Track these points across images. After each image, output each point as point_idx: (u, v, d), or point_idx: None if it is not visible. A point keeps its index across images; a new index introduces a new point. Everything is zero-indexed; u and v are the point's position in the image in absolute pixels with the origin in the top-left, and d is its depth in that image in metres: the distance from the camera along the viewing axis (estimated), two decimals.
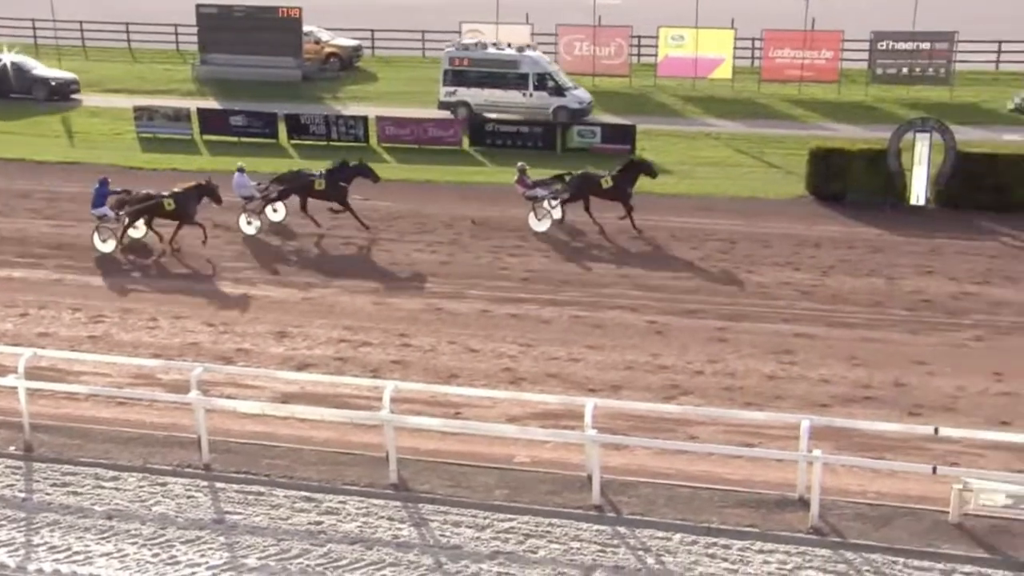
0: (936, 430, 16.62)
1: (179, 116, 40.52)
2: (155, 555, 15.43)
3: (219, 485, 17.18)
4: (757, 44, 47.41)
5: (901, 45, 44.73)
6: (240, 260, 27.64)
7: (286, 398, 20.08)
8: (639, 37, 48.09)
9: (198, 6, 49.28)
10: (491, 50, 42.29)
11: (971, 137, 35.37)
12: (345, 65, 50.93)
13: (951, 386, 20.49)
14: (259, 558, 15.34)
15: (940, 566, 14.95)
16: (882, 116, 41.04)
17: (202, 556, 15.41)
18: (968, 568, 14.91)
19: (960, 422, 18.80)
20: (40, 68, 47.06)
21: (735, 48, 46.10)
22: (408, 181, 34.58)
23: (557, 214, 29.81)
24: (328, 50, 50.94)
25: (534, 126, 38.67)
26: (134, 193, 28.37)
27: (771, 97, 44.94)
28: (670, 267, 26.91)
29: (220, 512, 16.46)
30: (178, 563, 15.27)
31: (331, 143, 38.92)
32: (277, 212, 30.28)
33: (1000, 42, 47.72)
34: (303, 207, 29.73)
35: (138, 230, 28.66)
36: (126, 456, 18.01)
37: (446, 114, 41.15)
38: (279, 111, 40.52)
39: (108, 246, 28.03)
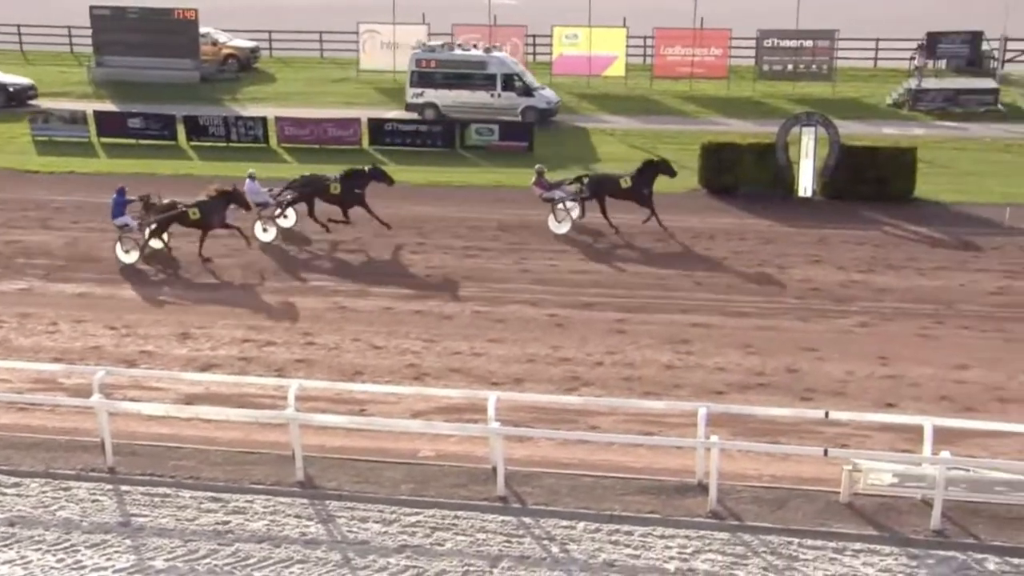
0: (827, 414, 17.29)
1: (75, 119, 39.82)
2: (60, 560, 15.35)
3: (124, 488, 17.12)
4: (648, 42, 48.20)
5: (786, 43, 45.95)
6: (139, 262, 27.34)
7: (191, 399, 20.03)
8: (534, 36, 48.55)
9: (91, 8, 48.47)
10: (458, 51, 42.10)
11: (853, 131, 36.55)
12: (243, 66, 50.51)
13: (840, 371, 21.21)
14: (166, 560, 15.35)
15: (832, 544, 15.51)
16: (769, 111, 42.08)
17: (108, 560, 15.37)
18: (858, 545, 15.49)
19: (849, 405, 19.54)
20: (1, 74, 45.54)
21: (627, 46, 46.83)
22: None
23: (576, 213, 29.53)
24: (226, 51, 50.45)
25: (433, 125, 38.82)
26: (157, 202, 27.67)
27: (663, 93, 45.74)
28: (569, 261, 27.32)
29: (126, 515, 16.42)
30: (84, 568, 15.21)
31: (230, 144, 38.66)
32: (287, 218, 29.63)
33: (878, 40, 49.24)
34: (310, 212, 29.29)
35: (158, 241, 27.82)
36: (28, 462, 17.83)
37: (345, 114, 41.05)
38: (177, 113, 40.08)
39: (131, 257, 27.20)
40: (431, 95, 41.52)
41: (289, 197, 29.45)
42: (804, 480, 17.16)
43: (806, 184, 31.55)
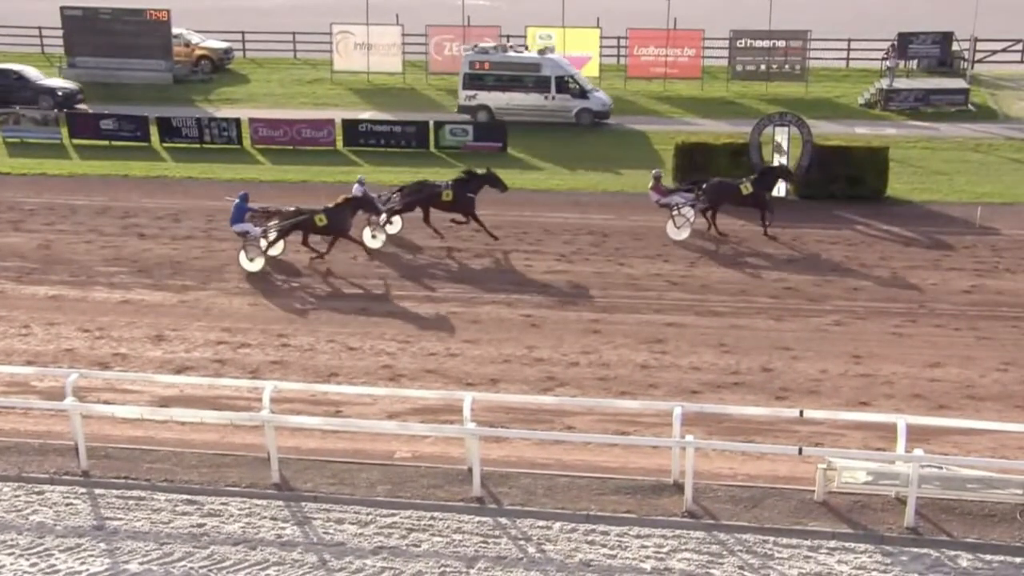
0: (801, 413, 17.39)
1: (47, 120, 39.65)
2: (33, 564, 15.25)
3: (98, 491, 17.03)
4: (622, 43, 48.36)
5: (758, 43, 46.21)
6: (113, 265, 27.21)
7: (165, 402, 19.96)
8: (508, 37, 48.51)
9: (62, 8, 48.23)
10: (511, 53, 41.77)
11: (825, 131, 36.81)
12: (216, 67, 50.34)
13: (814, 370, 21.32)
14: (141, 563, 15.28)
15: (807, 543, 15.59)
16: (743, 111, 42.28)
17: (82, 564, 15.28)
18: (833, 543, 15.57)
19: (823, 404, 19.68)
20: (44, 78, 44.87)
21: (601, 47, 46.99)
22: (283, 182, 34.47)
23: (689, 214, 28.82)
24: (199, 52, 50.27)
25: (407, 126, 38.77)
26: (283, 209, 27.29)
27: (637, 94, 45.88)
28: (544, 261, 27.34)
29: (100, 518, 16.33)
30: (57, 572, 15.12)
31: (204, 146, 38.53)
32: (393, 224, 29.07)
33: (850, 40, 49.59)
34: (426, 219, 28.88)
35: (277, 247, 27.31)
36: (0, 466, 17.73)
37: (319, 115, 40.97)
38: (150, 114, 39.93)
39: (256, 265, 26.60)
40: (484, 97, 41.26)
41: (400, 204, 28.86)
42: (779, 479, 17.26)
43: (779, 184, 31.66)
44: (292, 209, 27.35)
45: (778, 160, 31.61)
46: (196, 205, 29.81)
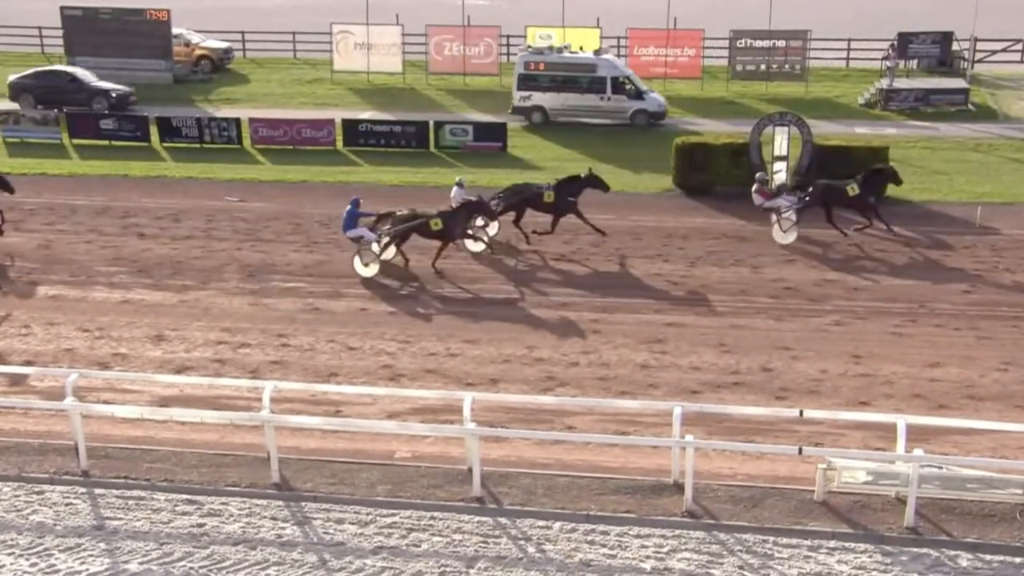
0: (801, 412, 17.39)
1: (47, 120, 39.64)
2: (33, 564, 15.25)
3: (98, 491, 17.03)
4: (622, 43, 48.33)
5: (758, 43, 46.21)
6: (113, 265, 27.23)
7: (165, 401, 19.97)
8: (508, 36, 48.65)
9: (63, 8, 48.27)
10: (566, 54, 41.53)
11: (825, 130, 36.83)
12: (216, 67, 50.35)
13: (814, 369, 21.32)
14: (141, 563, 15.28)
15: (807, 543, 15.59)
16: (743, 111, 42.26)
17: (82, 564, 15.28)
18: (833, 543, 15.57)
19: (823, 404, 19.69)
20: (97, 80, 44.57)
21: (601, 47, 46.84)
22: (282, 182, 34.51)
23: (794, 218, 28.36)
24: (199, 52, 50.29)
25: (407, 126, 38.77)
26: (395, 212, 27.00)
27: None
28: (544, 261, 27.35)
29: (100, 518, 16.33)
30: (57, 572, 15.12)
31: (204, 146, 38.54)
32: (491, 228, 28.57)
33: (850, 40, 49.60)
34: (517, 221, 28.47)
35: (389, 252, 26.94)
36: (0, 465, 17.74)
37: (319, 115, 40.98)
38: (150, 114, 39.97)
39: (371, 270, 26.27)
40: (538, 98, 41.12)
41: (501, 206, 28.41)
42: (779, 479, 17.26)
43: (779, 183, 31.65)
44: (405, 212, 26.96)
45: (779, 165, 31.55)
46: (196, 205, 29.83)
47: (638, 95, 40.91)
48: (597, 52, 41.96)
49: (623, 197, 32.57)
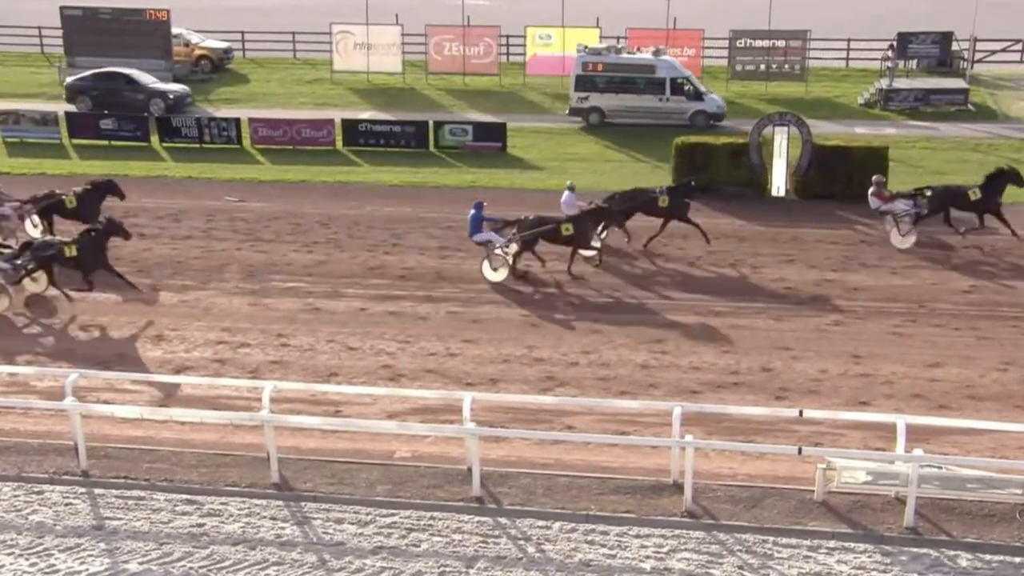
0: (801, 412, 17.41)
1: (47, 120, 39.59)
2: (32, 564, 15.25)
3: (98, 491, 17.04)
4: (622, 43, 48.16)
5: (758, 43, 46.16)
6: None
7: (165, 401, 19.98)
8: (507, 36, 48.63)
9: (62, 8, 48.26)
10: (625, 55, 41.28)
11: (825, 130, 36.82)
12: (216, 67, 50.32)
13: (814, 369, 21.32)
14: (141, 563, 15.28)
15: (807, 543, 15.60)
16: (742, 111, 42.18)
17: (82, 563, 15.29)
18: (832, 543, 15.58)
19: (823, 404, 19.70)
20: (155, 82, 44.32)
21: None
22: (282, 182, 34.51)
23: (910, 220, 27.87)
24: (198, 52, 50.21)
25: (407, 125, 38.74)
26: (522, 217, 26.58)
27: None
28: (544, 260, 27.33)
29: (100, 518, 16.34)
30: (57, 571, 15.13)
31: (203, 146, 38.52)
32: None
33: (849, 40, 49.60)
34: (621, 225, 27.74)
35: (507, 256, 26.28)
36: (0, 465, 17.74)
37: (319, 115, 40.96)
38: (150, 114, 39.91)
39: (500, 275, 25.84)
40: (596, 99, 40.83)
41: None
42: (779, 479, 17.26)
43: (779, 183, 31.72)
44: (531, 217, 26.60)
45: (777, 161, 31.57)
46: (196, 205, 29.83)
47: (697, 96, 40.49)
48: (656, 52, 41.63)
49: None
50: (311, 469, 17.58)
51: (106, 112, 40.11)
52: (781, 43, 46.09)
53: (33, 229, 28.30)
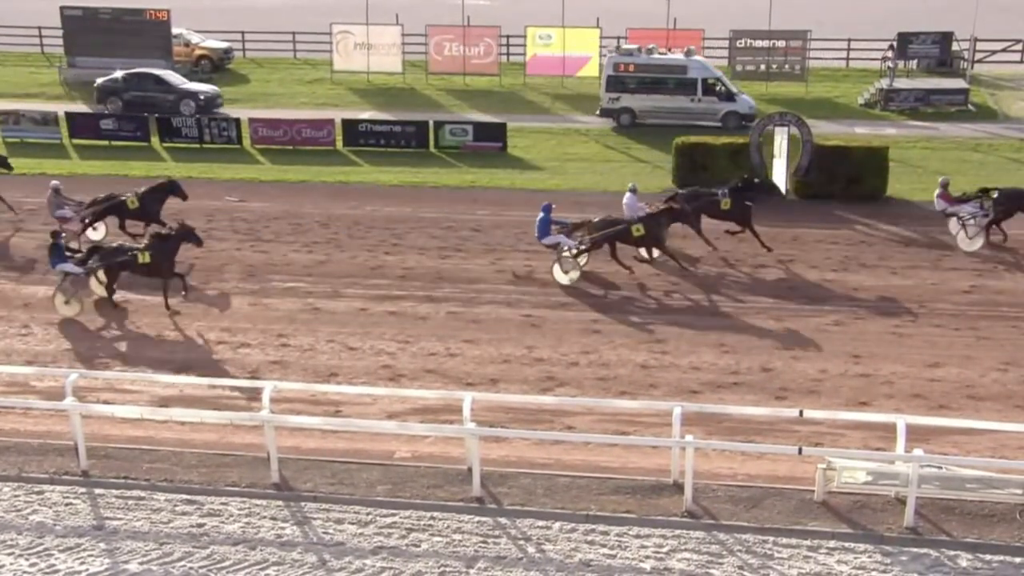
0: (801, 412, 17.40)
1: (47, 120, 39.62)
2: (32, 565, 15.24)
3: (98, 491, 17.03)
4: (622, 42, 48.20)
5: (758, 43, 46.22)
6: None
7: (165, 402, 19.98)
8: (508, 37, 48.66)
9: (62, 8, 48.29)
10: (656, 55, 41.10)
11: (825, 130, 36.87)
12: (216, 67, 50.34)
13: (814, 369, 21.32)
14: (141, 563, 15.28)
15: (807, 543, 15.59)
16: None
17: (82, 564, 15.28)
18: (832, 543, 15.57)
19: (823, 404, 19.70)
20: (186, 82, 44.34)
21: (601, 47, 46.94)
22: (282, 182, 34.51)
23: (977, 223, 27.66)
24: (198, 52, 50.27)
25: (407, 125, 38.76)
26: (590, 219, 26.44)
27: None
28: (544, 262, 27.25)
29: (100, 518, 16.33)
30: (57, 572, 15.11)
31: (203, 146, 38.54)
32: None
33: (850, 40, 49.62)
34: (696, 223, 27.52)
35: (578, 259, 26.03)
36: (0, 465, 17.74)
37: (319, 115, 40.97)
38: (150, 114, 39.93)
39: (571, 277, 25.63)
40: (627, 100, 40.73)
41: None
42: (779, 479, 17.26)
43: (779, 183, 31.69)
44: (598, 219, 26.44)
45: (777, 161, 31.56)
46: (196, 205, 29.77)
47: (729, 97, 40.30)
48: (688, 53, 41.51)
49: (622, 197, 32.53)
50: (311, 469, 17.58)
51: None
52: (781, 43, 46.16)
53: (93, 232, 28.09)
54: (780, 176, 31.59)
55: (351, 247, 28.37)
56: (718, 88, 40.43)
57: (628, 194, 27.50)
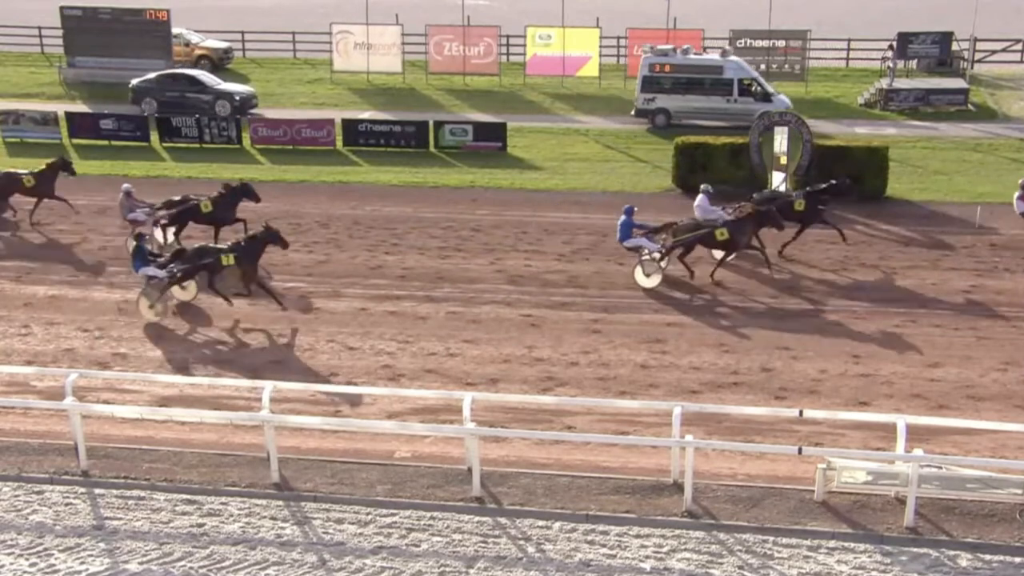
0: (801, 412, 17.42)
1: (47, 120, 39.64)
2: (32, 564, 15.24)
3: (98, 491, 17.04)
4: (622, 42, 48.39)
5: (758, 43, 46.20)
6: (113, 265, 27.20)
7: (165, 401, 19.98)
8: (508, 36, 48.68)
9: (62, 8, 48.30)
10: (692, 55, 40.93)
11: (825, 130, 36.91)
12: (216, 67, 50.30)
13: (814, 369, 21.32)
14: (141, 563, 15.28)
15: (807, 543, 15.59)
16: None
17: (82, 563, 15.28)
18: (832, 543, 15.57)
19: (823, 404, 19.70)
20: (221, 83, 44.17)
21: (601, 47, 47.00)
22: (282, 182, 34.50)
23: None
24: (198, 52, 50.26)
25: (407, 125, 38.75)
26: (675, 222, 26.19)
27: None
28: (544, 261, 27.35)
29: (100, 518, 16.34)
30: (57, 571, 15.12)
31: (203, 146, 38.55)
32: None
33: (849, 40, 49.64)
34: (783, 226, 26.60)
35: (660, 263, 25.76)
36: (0, 465, 17.74)
37: (319, 115, 40.98)
38: (150, 114, 39.93)
39: (653, 281, 25.40)
40: (662, 100, 40.49)
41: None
42: (779, 478, 17.26)
43: (779, 183, 31.66)
44: (681, 223, 26.23)
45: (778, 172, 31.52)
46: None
47: (765, 97, 39.92)
48: (723, 53, 41.34)
49: (623, 197, 32.56)
50: (311, 469, 17.58)
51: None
52: (781, 43, 46.18)
53: (160, 235, 27.78)
54: (779, 176, 31.56)
55: (351, 247, 28.37)
56: (754, 88, 40.15)
57: (701, 195, 27.21)
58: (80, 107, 43.37)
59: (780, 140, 31.40)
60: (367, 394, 19.70)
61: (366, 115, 41.41)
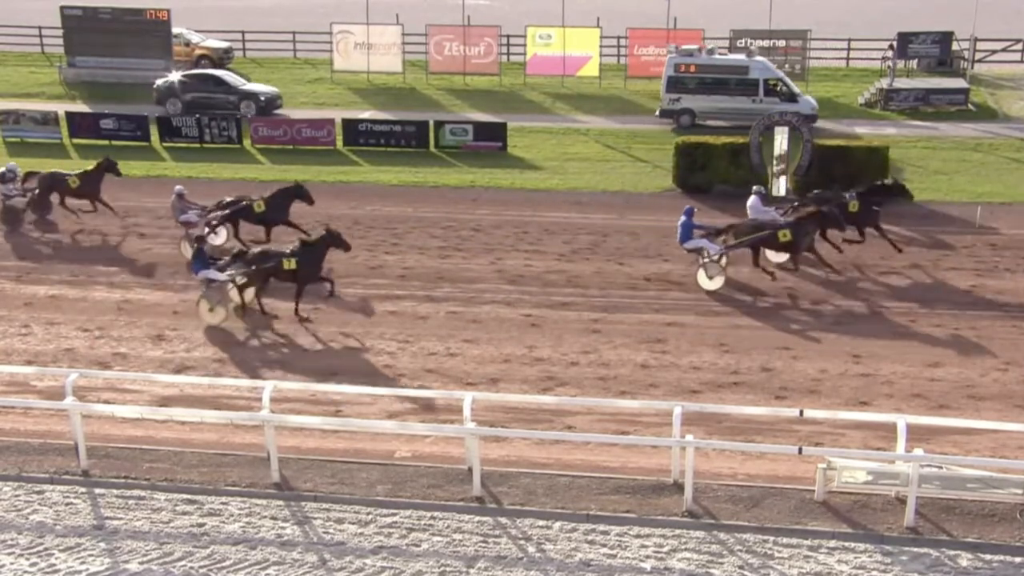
0: (801, 412, 17.42)
1: (47, 119, 39.65)
2: (33, 564, 15.25)
3: (98, 491, 17.04)
4: (622, 42, 48.39)
5: (758, 43, 46.08)
6: (113, 265, 27.23)
7: (165, 401, 19.98)
8: (508, 36, 48.67)
9: (62, 8, 48.29)
10: (717, 55, 40.79)
11: (826, 130, 36.74)
12: (216, 67, 50.24)
13: (814, 369, 21.31)
14: (141, 563, 15.28)
15: (807, 542, 15.59)
16: None
17: (82, 563, 15.28)
18: (833, 543, 15.57)
19: (823, 403, 19.70)
20: (246, 83, 44.19)
21: (601, 46, 46.99)
22: (282, 182, 34.33)
23: None
24: (199, 52, 50.21)
25: (407, 125, 38.74)
26: (736, 223, 26.02)
27: (637, 93, 45.83)
28: (544, 261, 27.34)
29: (100, 518, 16.34)
30: (57, 571, 15.12)
31: (204, 145, 38.55)
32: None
33: (850, 40, 49.63)
34: (823, 234, 26.28)
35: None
36: (0, 465, 17.74)
37: (319, 114, 40.97)
38: (150, 114, 39.97)
39: (716, 283, 25.16)
40: (687, 101, 40.27)
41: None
42: (779, 478, 17.26)
43: (779, 183, 31.69)
44: (742, 224, 26.01)
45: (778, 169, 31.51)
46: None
47: (791, 98, 39.59)
48: (749, 53, 41.26)
49: (623, 197, 32.64)
50: (311, 469, 17.58)
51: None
52: (782, 43, 46.16)
53: (216, 237, 27.71)
54: (781, 179, 31.59)
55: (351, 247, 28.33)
56: (780, 89, 39.89)
57: (753, 196, 27.11)
58: (80, 107, 43.34)
59: (780, 140, 31.42)
60: (367, 394, 19.69)
61: (366, 115, 41.40)
